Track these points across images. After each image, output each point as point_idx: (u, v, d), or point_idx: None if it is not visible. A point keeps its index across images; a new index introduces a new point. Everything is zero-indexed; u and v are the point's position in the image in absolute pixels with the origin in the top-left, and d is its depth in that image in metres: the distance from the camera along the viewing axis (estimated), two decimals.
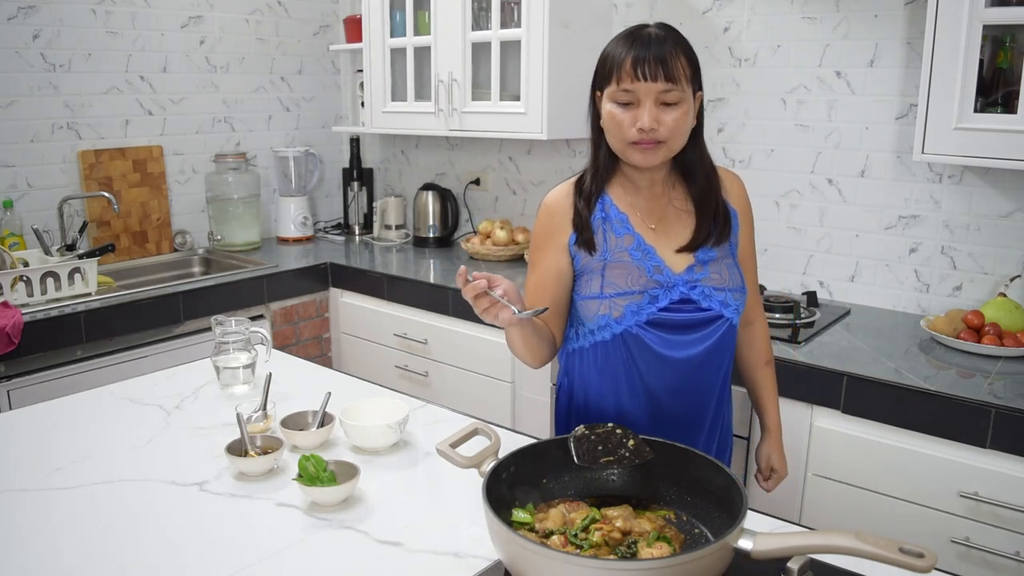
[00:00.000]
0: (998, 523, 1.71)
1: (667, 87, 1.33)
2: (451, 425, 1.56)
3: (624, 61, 1.34)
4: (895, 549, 0.87)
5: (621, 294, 1.41)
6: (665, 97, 1.33)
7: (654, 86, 1.32)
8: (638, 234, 1.43)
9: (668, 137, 1.35)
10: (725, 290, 1.43)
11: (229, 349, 1.78)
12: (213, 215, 3.27)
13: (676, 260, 1.43)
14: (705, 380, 1.47)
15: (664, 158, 1.39)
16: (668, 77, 1.32)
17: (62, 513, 1.26)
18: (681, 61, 1.34)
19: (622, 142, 1.38)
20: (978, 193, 2.23)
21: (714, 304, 1.42)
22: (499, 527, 0.99)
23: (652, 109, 1.33)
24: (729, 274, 1.45)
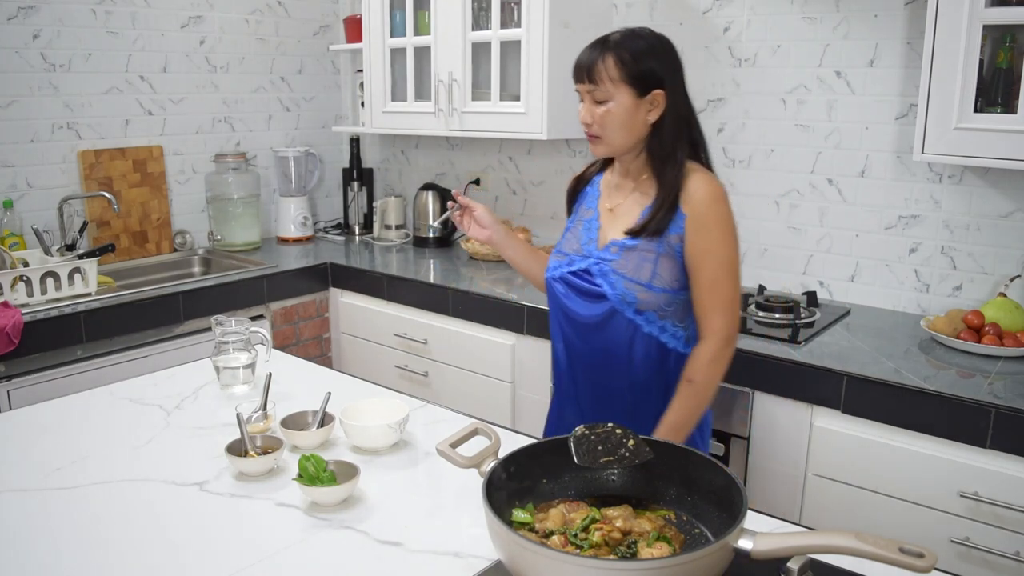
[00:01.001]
0: (998, 523, 1.71)
1: (591, 88, 1.53)
2: (451, 425, 1.56)
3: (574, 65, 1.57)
4: (895, 549, 0.87)
5: (559, 252, 1.69)
6: (594, 95, 1.53)
7: (583, 87, 1.55)
8: (598, 211, 1.67)
9: (600, 132, 1.55)
10: (624, 277, 1.55)
11: (229, 349, 1.78)
12: (213, 215, 3.27)
13: (606, 237, 1.62)
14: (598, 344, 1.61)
15: (605, 151, 1.59)
16: (591, 79, 1.52)
17: (62, 513, 1.26)
18: (607, 64, 1.51)
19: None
20: (978, 193, 2.23)
21: (604, 284, 1.57)
22: (499, 527, 0.99)
23: (587, 106, 1.56)
24: (636, 266, 1.55)
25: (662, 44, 1.56)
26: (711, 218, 1.53)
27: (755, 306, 2.36)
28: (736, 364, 2.05)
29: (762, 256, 2.65)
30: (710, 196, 1.53)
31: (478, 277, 2.83)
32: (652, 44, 1.54)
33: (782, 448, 2.02)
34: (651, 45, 1.54)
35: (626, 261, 1.55)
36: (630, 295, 1.55)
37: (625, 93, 1.51)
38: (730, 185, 2.67)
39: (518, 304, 2.49)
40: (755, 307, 2.35)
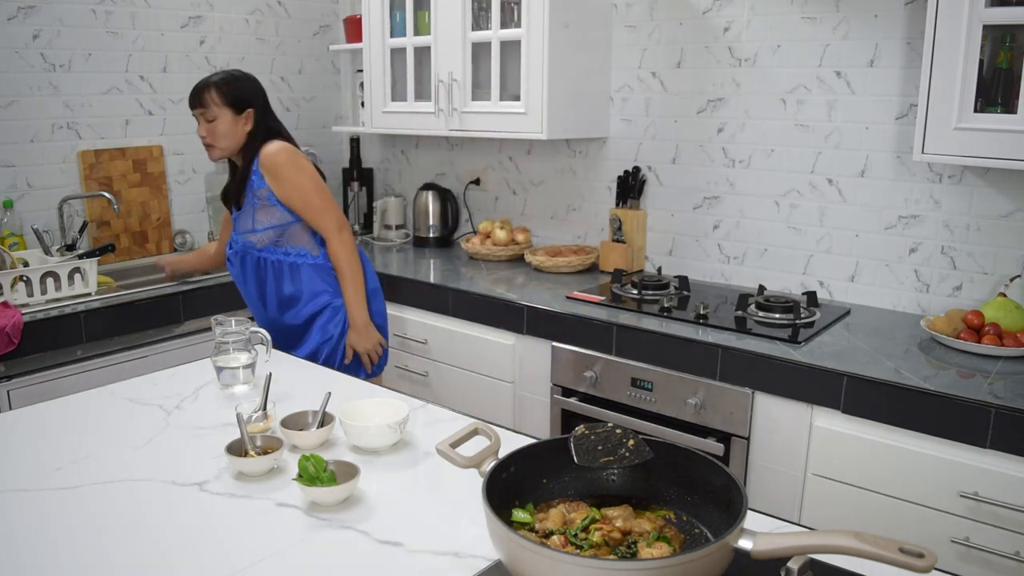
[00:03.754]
0: (998, 523, 1.71)
1: (202, 110, 2.20)
2: (451, 425, 1.56)
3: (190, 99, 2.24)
4: (895, 549, 0.87)
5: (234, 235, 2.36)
6: (206, 116, 2.20)
7: (198, 110, 2.21)
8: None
9: (214, 141, 2.22)
10: (240, 232, 2.28)
11: (229, 349, 1.78)
12: (213, 215, 3.27)
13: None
14: (251, 287, 2.33)
15: (220, 155, 2.27)
16: (201, 104, 2.20)
17: (62, 513, 1.26)
18: (212, 94, 2.19)
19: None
20: (978, 193, 2.23)
21: (235, 245, 2.32)
22: (499, 527, 0.99)
23: (203, 124, 2.22)
24: (243, 221, 2.27)
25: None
26: (280, 170, 2.20)
27: (755, 306, 2.36)
28: (736, 364, 2.06)
29: (762, 256, 2.65)
30: (268, 158, 2.20)
31: (478, 277, 2.83)
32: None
33: (782, 448, 2.02)
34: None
35: (241, 222, 2.27)
36: (248, 242, 2.27)
37: (224, 112, 2.21)
38: (730, 185, 2.67)
39: (518, 304, 2.49)
40: (755, 307, 2.36)
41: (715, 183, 2.71)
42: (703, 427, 2.15)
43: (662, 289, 2.56)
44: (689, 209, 2.79)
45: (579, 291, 2.59)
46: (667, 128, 2.79)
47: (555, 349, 2.43)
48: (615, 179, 2.92)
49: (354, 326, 2.31)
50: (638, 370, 2.24)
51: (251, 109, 2.23)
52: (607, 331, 2.30)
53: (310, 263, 2.28)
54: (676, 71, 2.73)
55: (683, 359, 2.16)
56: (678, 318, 2.30)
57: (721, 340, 2.11)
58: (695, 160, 2.74)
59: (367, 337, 2.32)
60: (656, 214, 2.88)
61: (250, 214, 2.24)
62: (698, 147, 2.73)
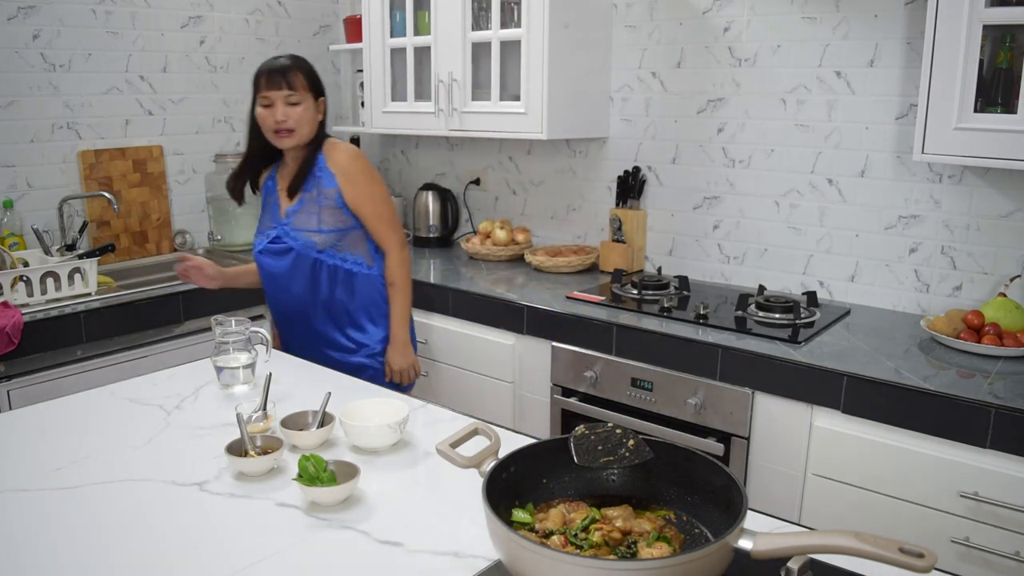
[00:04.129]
0: (998, 523, 1.71)
1: (289, 93, 2.06)
2: (451, 425, 1.56)
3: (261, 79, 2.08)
4: (895, 549, 0.87)
5: (259, 232, 2.24)
6: (289, 99, 2.06)
7: (280, 92, 2.05)
8: (276, 192, 2.21)
9: (295, 126, 2.07)
10: (300, 230, 2.14)
11: (229, 349, 1.78)
12: (213, 215, 3.27)
13: (285, 206, 2.17)
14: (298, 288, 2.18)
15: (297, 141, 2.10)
16: (289, 87, 2.06)
17: (62, 513, 1.26)
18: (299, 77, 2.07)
19: (268, 132, 2.10)
20: (978, 193, 2.23)
21: (289, 240, 2.15)
22: (499, 527, 0.99)
23: (282, 108, 2.06)
24: (307, 219, 2.14)
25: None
26: (353, 172, 2.13)
27: (755, 306, 2.36)
28: (736, 364, 2.06)
29: (762, 256, 2.65)
30: (342, 157, 2.13)
31: (478, 277, 2.83)
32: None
33: (782, 448, 2.02)
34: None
35: (300, 218, 2.14)
36: (309, 240, 2.14)
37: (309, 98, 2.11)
38: (730, 185, 2.67)
39: (518, 304, 2.49)
40: (755, 307, 2.35)
41: (715, 183, 2.71)
42: (703, 427, 2.15)
43: (662, 289, 2.55)
44: (689, 209, 2.79)
45: (579, 291, 2.59)
46: (667, 128, 2.79)
47: (555, 349, 2.43)
48: (615, 179, 2.92)
49: (395, 343, 2.25)
50: (638, 370, 2.24)
51: (324, 98, 2.16)
52: (607, 331, 2.30)
53: (364, 273, 2.20)
54: (676, 71, 2.73)
55: (683, 359, 2.16)
56: (678, 318, 2.30)
57: (721, 340, 2.11)
58: (695, 160, 2.74)
59: (405, 355, 2.26)
60: (656, 214, 2.88)
61: (315, 213, 2.13)
62: (698, 147, 2.73)
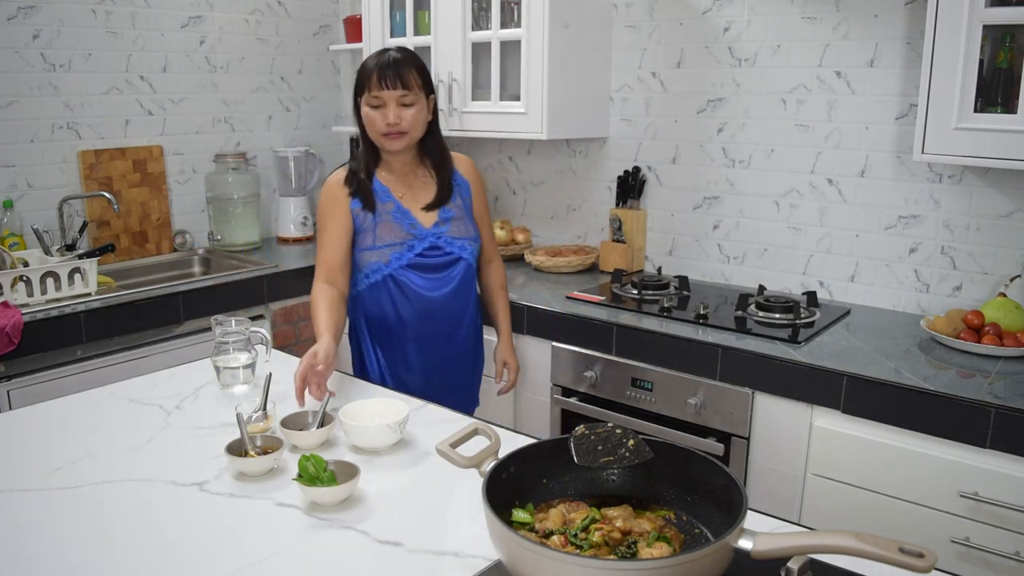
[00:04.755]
0: (998, 523, 1.71)
1: (403, 93, 1.84)
2: (451, 425, 1.56)
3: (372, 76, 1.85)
4: (895, 549, 0.87)
5: (388, 245, 1.93)
6: (403, 100, 1.85)
7: (394, 92, 1.84)
8: (396, 200, 1.95)
9: (408, 128, 1.87)
10: (462, 239, 1.99)
11: (229, 349, 1.78)
12: (213, 215, 3.27)
13: (425, 218, 1.96)
14: (454, 308, 2.01)
15: (407, 144, 1.90)
16: (404, 86, 1.84)
17: (62, 513, 1.26)
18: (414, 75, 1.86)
19: (377, 134, 1.89)
20: (978, 193, 2.23)
21: (454, 249, 1.98)
22: (499, 527, 0.99)
23: (395, 109, 1.85)
24: (465, 228, 2.00)
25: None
26: (479, 180, 2.09)
27: (755, 306, 2.36)
28: (736, 364, 2.06)
29: (762, 256, 2.65)
30: (470, 165, 2.07)
31: None
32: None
33: (782, 448, 2.02)
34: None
35: (456, 227, 1.98)
36: (474, 250, 2.02)
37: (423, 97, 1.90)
38: (730, 185, 2.67)
39: (518, 304, 2.49)
40: (755, 307, 2.35)
41: (715, 183, 2.71)
42: (703, 427, 2.15)
43: (662, 289, 2.55)
44: (689, 209, 2.79)
45: (579, 291, 2.59)
46: (667, 128, 2.79)
47: (555, 349, 2.42)
48: (615, 179, 2.91)
49: (508, 341, 2.22)
50: (638, 370, 2.24)
51: (434, 95, 1.97)
52: (607, 331, 2.30)
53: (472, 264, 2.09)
54: (676, 71, 2.73)
55: (683, 359, 2.16)
56: (678, 318, 2.30)
57: (721, 340, 2.11)
58: (695, 160, 2.74)
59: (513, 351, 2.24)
60: (656, 214, 2.88)
61: (467, 220, 2.02)
62: (698, 147, 2.73)
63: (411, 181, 1.98)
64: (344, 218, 1.94)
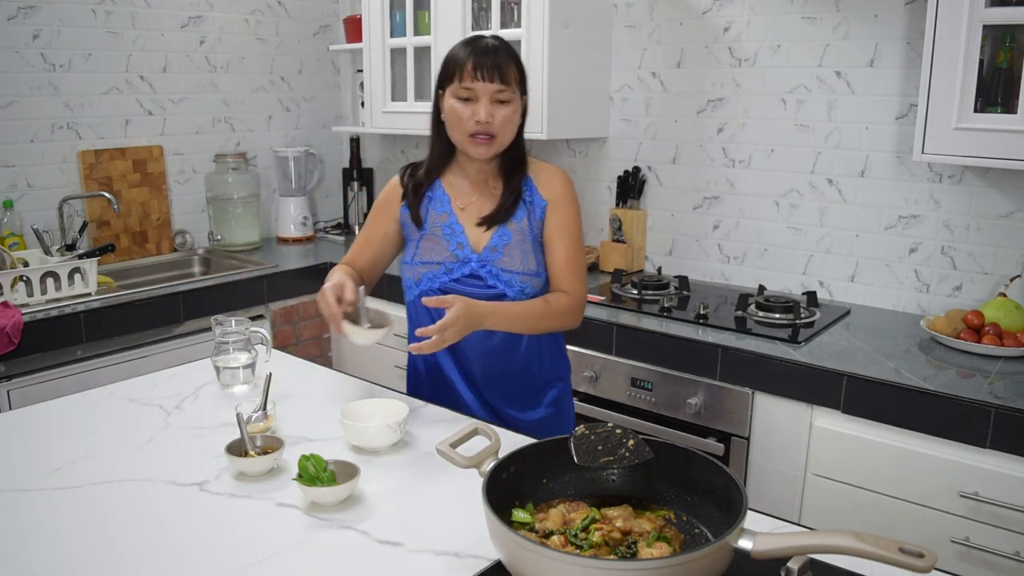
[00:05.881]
0: (998, 523, 1.71)
1: (501, 88, 1.57)
2: (451, 425, 1.56)
3: (466, 64, 1.57)
4: (895, 549, 0.87)
5: (424, 263, 1.67)
6: (499, 96, 1.57)
7: (491, 86, 1.56)
8: (453, 214, 1.68)
9: (499, 131, 1.58)
10: (513, 272, 1.64)
11: (229, 349, 1.78)
12: (213, 215, 3.27)
13: (479, 240, 1.65)
14: (499, 347, 1.67)
15: (496, 151, 1.62)
16: (503, 80, 1.57)
17: (62, 513, 1.26)
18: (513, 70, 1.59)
19: (462, 134, 1.60)
20: (978, 193, 2.23)
21: (499, 283, 1.63)
22: (499, 527, 0.99)
23: (487, 105, 1.57)
24: (522, 258, 1.65)
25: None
26: (566, 200, 1.69)
27: (755, 306, 2.36)
28: (736, 364, 2.06)
29: (762, 256, 2.65)
30: (559, 181, 1.70)
31: None
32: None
33: (782, 448, 2.02)
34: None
35: (510, 257, 1.64)
36: (527, 287, 1.65)
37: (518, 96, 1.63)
38: (730, 185, 2.67)
39: None
40: (755, 307, 2.36)
41: (715, 183, 2.71)
42: (703, 427, 2.15)
43: (662, 289, 2.55)
44: (689, 209, 2.79)
45: None
46: (667, 128, 2.79)
47: None
48: (615, 179, 2.91)
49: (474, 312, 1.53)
50: (638, 370, 2.24)
51: (527, 96, 1.67)
52: (607, 331, 2.30)
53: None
54: (676, 71, 2.73)
55: (683, 359, 2.16)
56: (678, 318, 2.30)
57: (721, 340, 2.11)
58: (695, 160, 2.74)
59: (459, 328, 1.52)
60: (656, 214, 2.88)
61: (531, 251, 1.66)
62: (698, 147, 2.73)
63: (480, 192, 1.69)
64: (388, 223, 1.73)
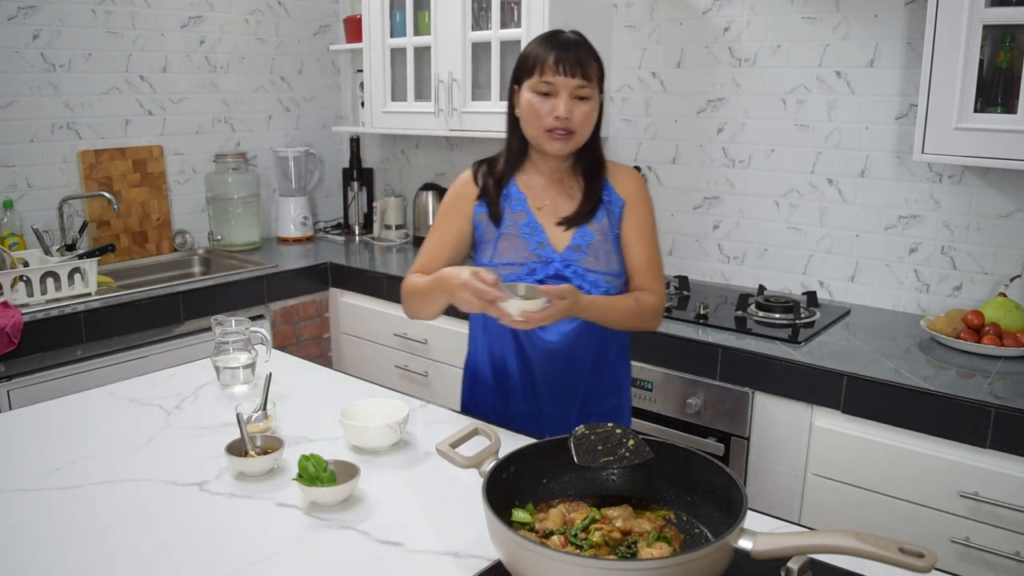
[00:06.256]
0: (998, 523, 1.71)
1: (582, 83, 1.53)
2: (451, 425, 1.56)
3: (547, 58, 1.53)
4: (895, 549, 0.87)
5: (505, 263, 1.61)
6: (579, 92, 1.53)
7: (572, 81, 1.52)
8: (531, 212, 1.63)
9: (578, 128, 1.55)
10: (598, 272, 1.60)
11: (229, 349, 1.78)
12: (213, 215, 3.27)
13: (559, 238, 1.61)
14: (576, 350, 1.63)
15: (573, 148, 1.58)
16: (584, 75, 1.52)
17: (62, 513, 1.26)
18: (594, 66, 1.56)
19: (538, 129, 1.56)
20: (978, 193, 2.23)
21: (584, 284, 1.58)
22: (499, 527, 0.99)
23: (567, 101, 1.53)
24: (606, 259, 1.61)
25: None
26: (642, 199, 1.68)
27: (755, 306, 2.36)
28: (736, 364, 2.06)
29: (762, 256, 2.65)
30: (634, 181, 1.69)
31: None
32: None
33: (782, 448, 2.02)
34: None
35: (593, 257, 1.61)
36: (611, 288, 1.61)
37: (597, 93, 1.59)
38: (730, 185, 2.67)
39: None
40: (755, 307, 2.35)
41: (715, 183, 2.71)
42: (703, 427, 2.15)
43: None
44: (689, 209, 2.79)
45: None
46: (667, 128, 2.79)
47: None
48: None
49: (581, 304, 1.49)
50: (638, 370, 2.24)
51: (602, 94, 1.63)
52: None
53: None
54: (676, 71, 2.73)
55: (683, 359, 2.16)
56: (678, 318, 2.30)
57: (721, 340, 2.11)
58: (695, 160, 2.74)
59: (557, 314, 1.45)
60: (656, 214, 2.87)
61: (612, 251, 1.63)
62: (698, 147, 2.73)
63: (556, 191, 1.65)
64: (462, 223, 1.67)
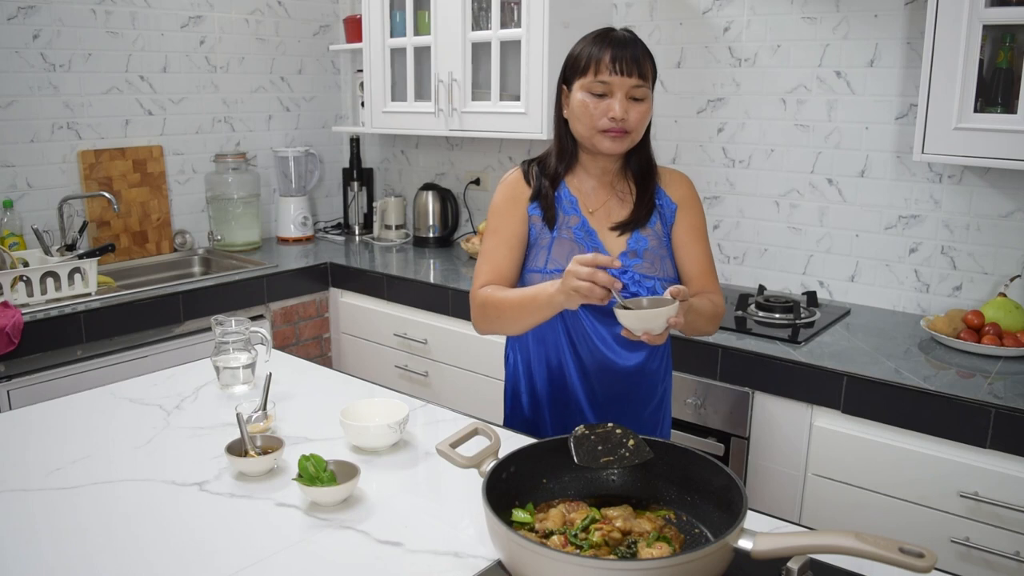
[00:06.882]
0: (998, 523, 1.71)
1: (638, 83, 1.48)
2: (451, 425, 1.56)
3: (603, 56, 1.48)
4: (895, 549, 0.87)
5: (561, 270, 1.48)
6: (635, 92, 1.49)
7: (628, 80, 1.47)
8: (584, 216, 1.57)
9: (634, 128, 1.50)
10: (655, 279, 1.55)
11: (229, 349, 1.78)
12: (213, 215, 3.27)
13: (614, 245, 1.56)
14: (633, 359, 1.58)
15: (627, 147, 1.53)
16: (640, 75, 1.48)
17: (62, 513, 1.26)
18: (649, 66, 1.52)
19: (591, 129, 1.51)
20: (978, 193, 2.23)
21: (642, 291, 1.53)
22: (499, 527, 0.99)
23: (623, 101, 1.48)
24: (661, 264, 1.57)
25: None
26: (693, 202, 1.63)
27: (755, 306, 2.36)
28: (736, 364, 2.06)
29: (762, 256, 2.65)
30: (684, 184, 1.65)
31: None
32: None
33: (782, 448, 2.02)
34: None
35: (649, 263, 1.55)
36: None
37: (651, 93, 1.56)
38: (730, 185, 2.67)
39: None
40: (755, 307, 2.35)
41: (715, 183, 2.71)
42: (703, 427, 2.15)
43: None
44: None
45: None
46: (667, 128, 2.79)
47: None
48: None
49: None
50: None
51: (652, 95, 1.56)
52: None
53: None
54: (676, 71, 2.73)
55: (683, 359, 2.16)
56: None
57: (721, 340, 2.11)
58: (695, 160, 2.74)
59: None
60: None
61: (667, 256, 1.59)
62: (698, 147, 2.73)
63: (607, 195, 1.60)
64: (519, 224, 1.59)
